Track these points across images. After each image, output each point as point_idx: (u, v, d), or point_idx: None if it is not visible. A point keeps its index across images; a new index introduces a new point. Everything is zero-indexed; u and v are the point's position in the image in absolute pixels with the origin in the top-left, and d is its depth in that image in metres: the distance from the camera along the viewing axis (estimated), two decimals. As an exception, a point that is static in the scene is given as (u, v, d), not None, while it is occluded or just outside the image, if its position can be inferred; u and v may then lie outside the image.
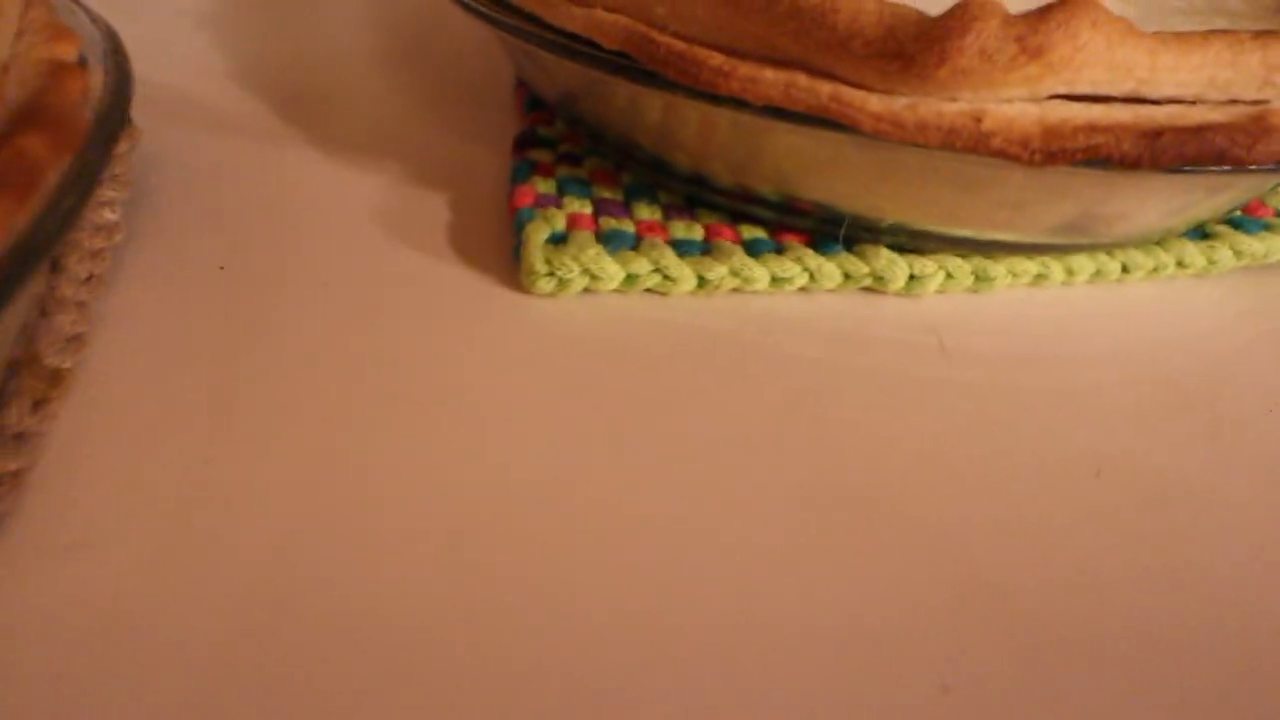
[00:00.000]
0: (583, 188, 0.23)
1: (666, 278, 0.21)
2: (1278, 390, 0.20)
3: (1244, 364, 0.21)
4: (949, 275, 0.21)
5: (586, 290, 0.21)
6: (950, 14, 0.14)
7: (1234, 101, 0.17)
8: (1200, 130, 0.15)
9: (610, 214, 0.22)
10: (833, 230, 0.21)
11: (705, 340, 0.20)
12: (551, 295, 0.21)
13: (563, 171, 0.24)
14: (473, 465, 0.17)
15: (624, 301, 0.21)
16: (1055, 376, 0.20)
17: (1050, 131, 0.15)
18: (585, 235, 0.21)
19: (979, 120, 0.15)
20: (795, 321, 0.21)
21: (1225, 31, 0.16)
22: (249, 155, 0.28)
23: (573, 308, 0.21)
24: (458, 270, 0.22)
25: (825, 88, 0.15)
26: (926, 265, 0.21)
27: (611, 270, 0.20)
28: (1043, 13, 0.14)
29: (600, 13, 0.18)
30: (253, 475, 0.17)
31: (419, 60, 0.35)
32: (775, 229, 0.22)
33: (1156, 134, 0.15)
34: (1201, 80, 0.16)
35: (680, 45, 0.16)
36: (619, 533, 0.16)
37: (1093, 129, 0.15)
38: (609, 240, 0.21)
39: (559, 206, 0.22)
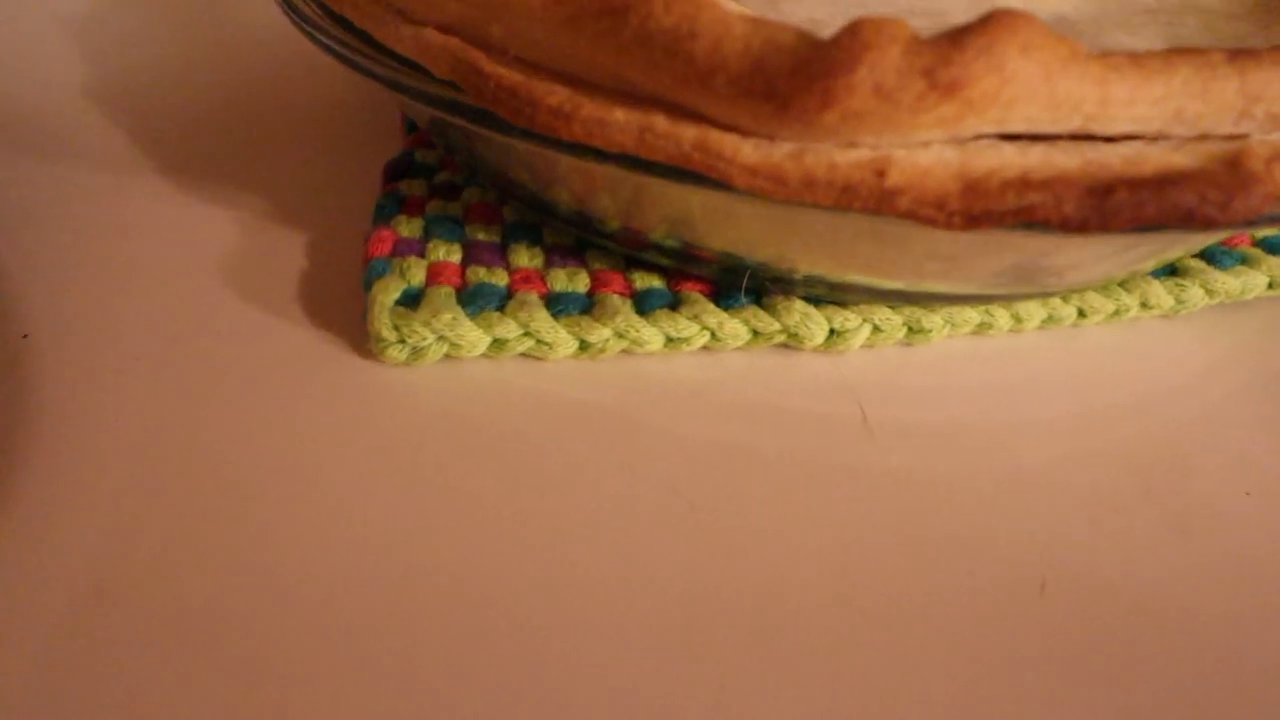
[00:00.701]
0: (454, 229, 0.20)
1: (540, 342, 0.18)
2: (1256, 464, 0.17)
3: (1217, 429, 0.18)
4: (876, 329, 0.18)
5: (449, 357, 0.18)
6: (837, 41, 0.11)
7: (1204, 137, 0.14)
8: (1162, 184, 0.12)
9: (482, 261, 0.19)
10: (739, 280, 0.18)
11: (585, 418, 0.17)
12: (407, 364, 0.18)
13: (434, 207, 0.21)
14: (295, 571, 0.14)
15: (492, 369, 0.18)
16: (996, 456, 0.17)
17: (972, 188, 0.12)
18: (444, 293, 0.18)
19: (881, 174, 0.12)
20: (693, 390, 0.18)
21: (1192, 52, 0.13)
22: (84, 187, 0.25)
23: (431, 378, 0.18)
24: (303, 332, 0.19)
25: (688, 133, 0.12)
26: (849, 319, 0.18)
27: (472, 337, 0.17)
28: (958, 37, 0.11)
29: (430, 33, 0.14)
30: (28, 594, 0.13)
31: (304, 76, 0.31)
32: (673, 276, 0.19)
33: (1107, 191, 0.12)
34: (1165, 115, 0.13)
35: (513, 79, 0.13)
36: (468, 655, 0.13)
37: (1026, 184, 0.12)
38: (473, 298, 0.18)
39: (421, 254, 0.19)
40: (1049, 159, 0.12)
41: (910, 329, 0.18)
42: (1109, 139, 0.14)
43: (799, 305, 0.18)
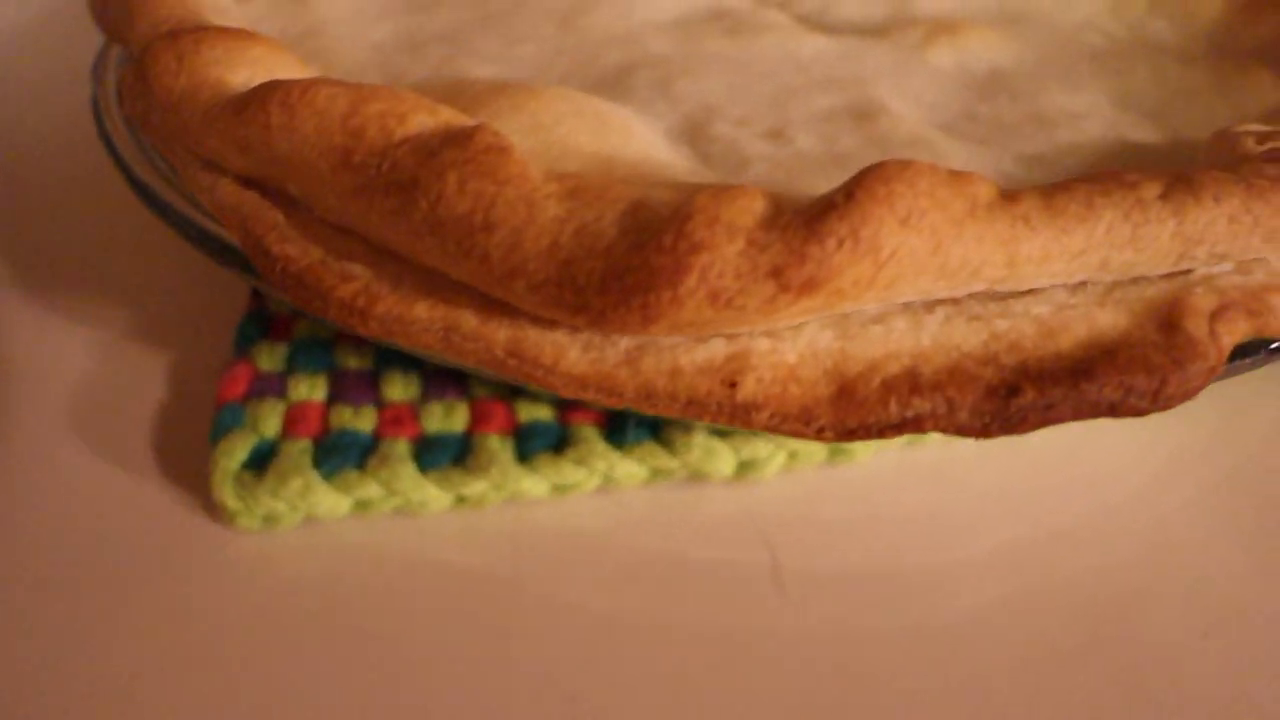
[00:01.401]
0: (322, 355, 0.18)
1: (409, 500, 0.16)
2: (1213, 593, 0.15)
3: (1170, 552, 0.16)
4: (792, 455, 0.16)
5: (310, 519, 0.16)
6: (660, 242, 0.09)
7: (1138, 278, 0.12)
8: (1076, 379, 0.10)
9: (348, 399, 0.17)
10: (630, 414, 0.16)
11: (461, 589, 0.15)
12: (265, 529, 0.16)
13: (303, 329, 0.18)
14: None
15: (361, 529, 0.16)
16: (923, 605, 0.15)
17: (848, 393, 0.10)
18: (299, 450, 0.16)
19: (733, 385, 0.10)
20: (585, 542, 0.16)
21: (1119, 186, 0.11)
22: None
23: (289, 545, 0.16)
24: (153, 488, 0.17)
25: (500, 334, 0.10)
26: (759, 448, 0.16)
27: (329, 502, 0.15)
28: (817, 222, 0.09)
29: (225, 187, 0.12)
30: None
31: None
32: (562, 405, 0.17)
33: (1011, 391, 0.10)
34: (1089, 266, 0.11)
35: (302, 264, 0.11)
36: None
37: (914, 386, 0.10)
38: (332, 452, 0.16)
39: (281, 394, 0.17)
40: (948, 335, 0.10)
41: (832, 450, 0.17)
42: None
43: (700, 439, 0.16)
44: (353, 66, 0.17)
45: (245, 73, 0.12)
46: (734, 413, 0.10)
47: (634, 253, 0.09)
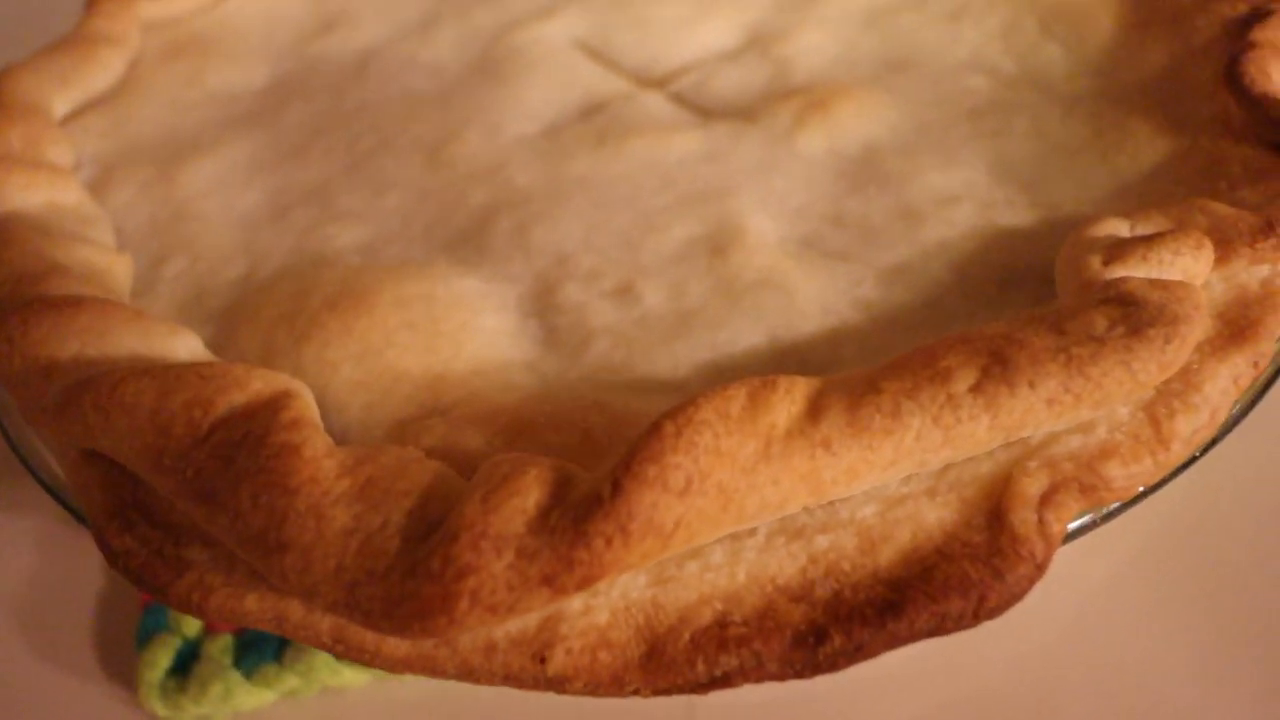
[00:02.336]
0: (240, 531, 0.18)
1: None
2: (1136, 681, 0.15)
3: (1090, 638, 0.15)
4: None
5: (240, 713, 0.17)
6: (428, 567, 0.09)
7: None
8: (884, 616, 0.10)
9: (267, 579, 0.18)
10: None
11: (389, 766, 0.16)
12: (201, 722, 0.17)
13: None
14: None
15: (289, 715, 0.17)
16: None
17: (656, 653, 0.10)
18: (220, 648, 0.16)
19: (543, 660, 0.10)
20: (508, 700, 0.16)
21: (930, 376, 0.10)
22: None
23: (226, 736, 0.17)
24: (90, 689, 0.17)
25: (325, 623, 0.10)
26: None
27: (252, 700, 0.16)
28: (585, 518, 0.09)
29: (74, 461, 0.12)
30: None
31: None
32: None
33: (819, 637, 0.09)
34: (907, 469, 0.10)
35: (139, 559, 0.11)
36: None
37: (722, 639, 0.10)
38: (251, 648, 0.16)
39: (201, 583, 0.18)
40: (763, 566, 0.10)
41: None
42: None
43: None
44: (218, 256, 0.17)
45: (75, 345, 0.12)
46: (548, 685, 0.10)
47: (408, 580, 0.09)
